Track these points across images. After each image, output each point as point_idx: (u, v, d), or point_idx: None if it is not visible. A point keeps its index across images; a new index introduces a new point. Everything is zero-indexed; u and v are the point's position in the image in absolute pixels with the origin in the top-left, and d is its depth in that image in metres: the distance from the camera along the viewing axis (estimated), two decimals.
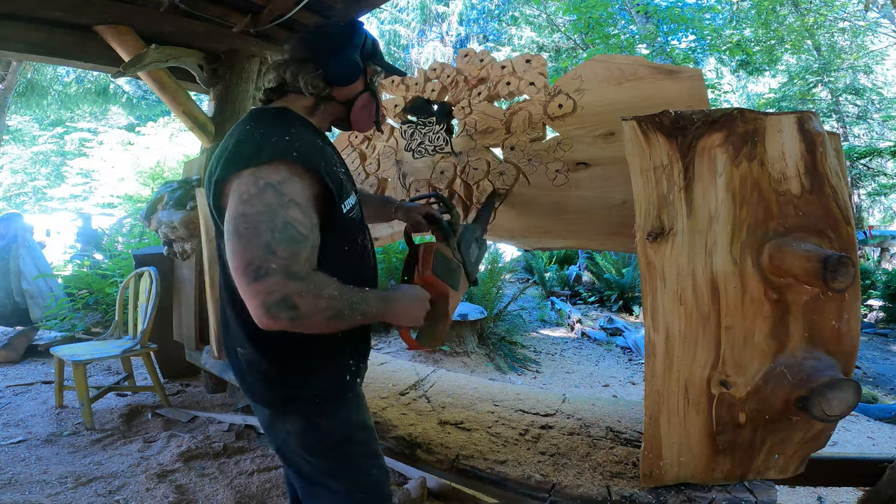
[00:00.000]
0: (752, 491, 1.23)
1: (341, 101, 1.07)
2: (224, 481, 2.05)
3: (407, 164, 2.06)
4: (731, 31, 11.14)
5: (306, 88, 1.01)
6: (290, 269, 0.82)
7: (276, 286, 0.80)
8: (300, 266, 0.84)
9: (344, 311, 0.86)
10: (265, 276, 0.80)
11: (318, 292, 0.83)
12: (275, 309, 0.79)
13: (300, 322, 0.82)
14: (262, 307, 0.80)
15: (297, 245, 0.84)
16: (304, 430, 1.00)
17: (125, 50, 2.65)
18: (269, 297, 0.79)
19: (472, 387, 2.08)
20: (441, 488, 1.99)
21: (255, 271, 0.80)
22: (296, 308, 0.80)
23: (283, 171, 0.86)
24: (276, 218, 0.83)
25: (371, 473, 1.05)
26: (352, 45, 1.05)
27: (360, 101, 1.09)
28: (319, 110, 1.05)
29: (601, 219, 1.58)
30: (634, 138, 1.17)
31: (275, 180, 0.85)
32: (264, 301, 0.79)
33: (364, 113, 1.11)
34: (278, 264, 0.81)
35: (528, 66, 1.73)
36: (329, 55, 1.02)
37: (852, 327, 1.14)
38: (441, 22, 15.89)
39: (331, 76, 1.02)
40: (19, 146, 15.25)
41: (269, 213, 0.83)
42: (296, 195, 0.87)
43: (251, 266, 0.80)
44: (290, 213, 0.85)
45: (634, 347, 5.08)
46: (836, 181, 1.13)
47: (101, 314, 4.55)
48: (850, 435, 3.25)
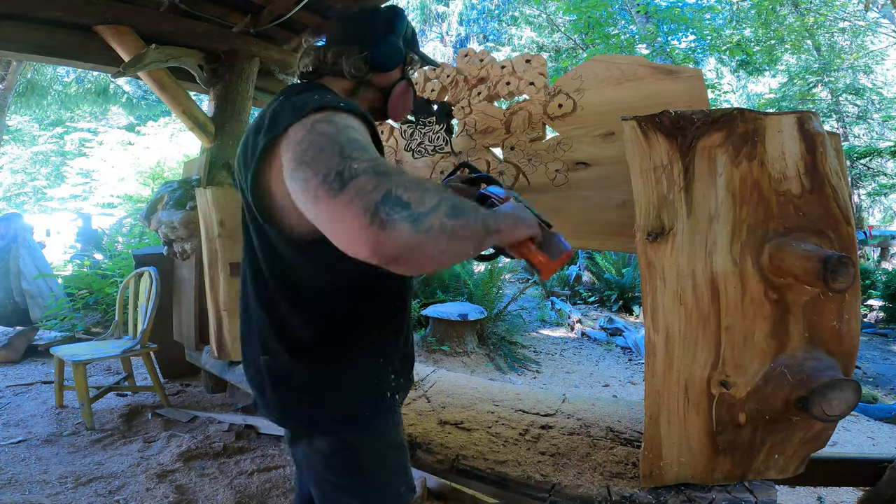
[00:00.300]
0: (752, 491, 1.22)
1: (379, 87, 1.02)
2: (224, 481, 2.05)
3: (407, 164, 2.06)
4: (731, 31, 11.15)
5: (349, 70, 0.95)
6: (378, 167, 0.62)
7: (370, 183, 0.59)
8: (386, 165, 0.64)
9: (463, 205, 0.65)
10: (353, 177, 0.59)
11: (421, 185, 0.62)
12: (383, 210, 0.56)
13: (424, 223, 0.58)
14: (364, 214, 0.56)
15: (371, 151, 0.67)
16: (333, 451, 0.91)
17: (125, 50, 2.65)
18: (370, 196, 0.57)
19: (472, 387, 2.08)
20: (441, 488, 1.99)
21: (337, 178, 0.60)
22: (408, 204, 0.58)
23: (328, 112, 0.73)
24: (339, 136, 0.68)
25: (399, 491, 0.97)
26: (397, 30, 1.00)
27: (398, 89, 1.04)
28: (357, 95, 0.99)
29: (601, 219, 1.58)
30: (634, 138, 1.17)
31: (323, 117, 0.72)
32: (364, 203, 0.57)
33: (401, 101, 1.06)
34: (362, 165, 0.61)
35: (528, 66, 1.73)
36: (374, 38, 0.97)
37: (852, 327, 1.14)
38: (441, 22, 15.89)
39: (374, 60, 0.97)
40: (19, 146, 15.25)
41: (329, 135, 0.68)
42: (352, 123, 0.73)
43: (329, 177, 0.60)
44: (352, 135, 0.69)
45: (634, 347, 5.09)
46: (836, 181, 1.13)
47: (101, 314, 4.55)
48: (850, 435, 3.25)
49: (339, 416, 0.90)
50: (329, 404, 0.89)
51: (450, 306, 4.76)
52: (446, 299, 5.24)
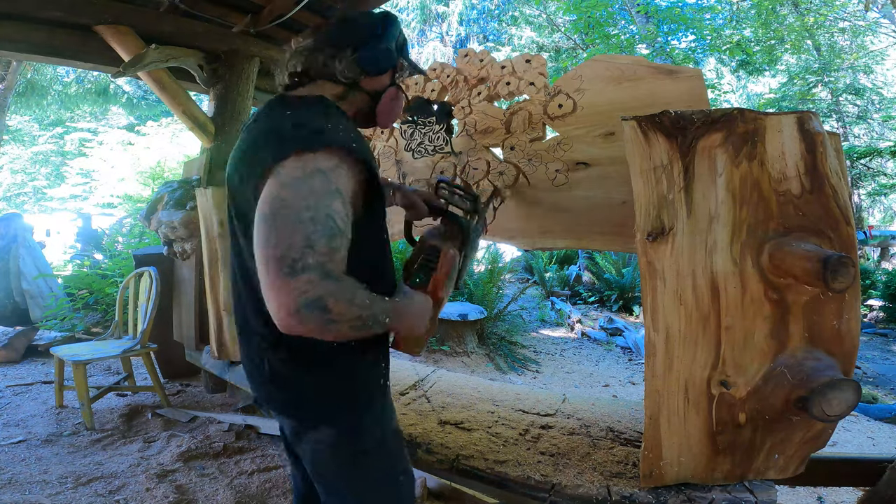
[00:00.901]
0: (752, 491, 1.22)
1: (369, 91, 1.02)
2: (224, 481, 2.05)
3: (407, 164, 2.06)
4: (731, 31, 11.14)
5: (342, 74, 0.96)
6: (326, 266, 0.74)
7: (310, 286, 0.72)
8: (336, 266, 0.76)
9: (368, 322, 0.80)
10: (301, 271, 0.72)
11: (352, 299, 0.76)
12: (305, 310, 0.71)
13: (328, 328, 0.74)
14: (291, 306, 0.71)
15: (335, 241, 0.77)
16: (337, 440, 0.94)
17: (125, 50, 2.65)
18: (302, 296, 0.71)
19: (472, 387, 2.08)
20: (441, 488, 1.99)
21: (291, 265, 0.72)
22: (327, 311, 0.73)
23: (335, 159, 0.80)
24: (321, 207, 0.76)
25: (398, 480, 1.01)
26: (389, 34, 1.01)
27: (388, 95, 1.05)
28: (347, 99, 1.00)
29: (601, 219, 1.58)
30: (634, 138, 1.17)
31: (325, 167, 0.79)
32: (295, 300, 0.71)
33: (390, 108, 1.07)
34: (316, 260, 0.73)
35: (528, 66, 1.73)
36: (366, 42, 0.98)
37: (852, 327, 1.14)
38: (441, 22, 15.89)
39: (364, 63, 0.98)
40: (19, 146, 15.25)
41: (314, 202, 0.76)
42: (342, 185, 0.81)
43: (286, 259, 0.72)
44: (334, 204, 0.78)
45: (634, 347, 5.09)
46: (836, 181, 1.13)
47: (101, 314, 4.55)
48: (850, 435, 3.25)
49: (337, 406, 0.94)
50: (328, 396, 0.93)
51: (450, 306, 4.76)
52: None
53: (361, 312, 0.78)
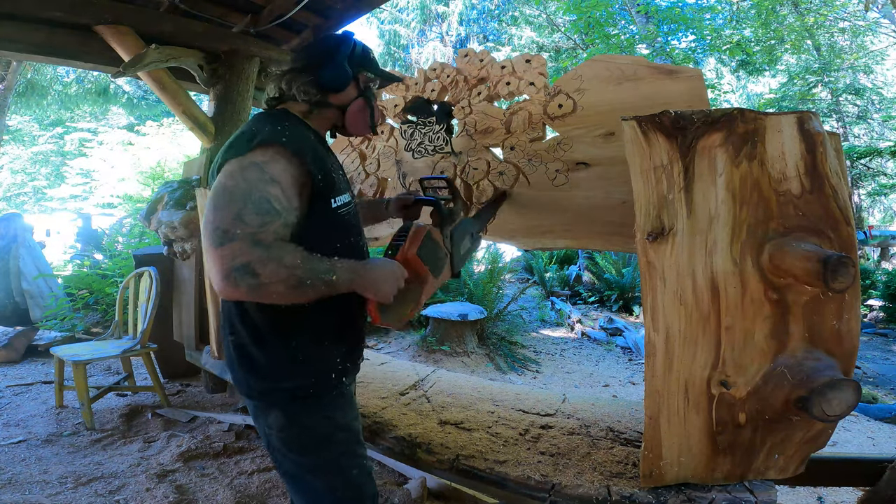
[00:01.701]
0: (752, 491, 1.22)
1: (337, 105, 1.14)
2: (224, 481, 2.05)
3: (407, 164, 2.06)
4: (731, 31, 11.14)
5: (299, 94, 1.09)
6: (256, 236, 0.84)
7: (238, 251, 0.82)
8: (266, 235, 0.86)
9: (306, 279, 0.86)
10: (230, 240, 0.83)
11: (280, 260, 0.85)
12: (235, 274, 0.82)
13: (260, 290, 0.83)
14: (222, 272, 0.82)
15: (268, 216, 0.87)
16: (284, 425, 1.01)
17: (125, 50, 2.65)
18: (232, 261, 0.82)
19: (472, 387, 2.08)
20: (441, 488, 1.99)
21: (222, 235, 0.83)
22: (256, 275, 0.82)
23: (268, 153, 0.92)
24: (254, 191, 0.87)
25: (351, 474, 1.05)
26: (340, 53, 1.12)
27: (353, 107, 1.16)
28: (314, 114, 1.12)
29: (601, 219, 1.58)
30: (634, 138, 1.17)
31: (259, 160, 0.90)
32: (225, 266, 0.82)
33: (358, 118, 1.17)
34: (244, 231, 0.84)
35: (528, 66, 1.73)
36: (319, 64, 1.10)
37: (852, 327, 1.14)
38: (441, 22, 15.89)
39: (322, 82, 1.10)
40: (19, 146, 15.25)
41: (247, 186, 0.87)
42: (278, 174, 0.91)
43: (218, 231, 0.83)
44: (269, 189, 0.89)
45: (634, 347, 5.08)
46: (836, 181, 1.13)
47: (101, 314, 4.55)
48: (850, 435, 3.25)
49: (287, 392, 1.00)
50: (279, 380, 1.00)
51: (450, 306, 4.75)
52: (446, 299, 5.23)
53: (294, 271, 0.85)
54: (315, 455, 1.02)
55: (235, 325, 1.03)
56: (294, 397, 1.01)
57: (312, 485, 1.02)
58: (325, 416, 1.03)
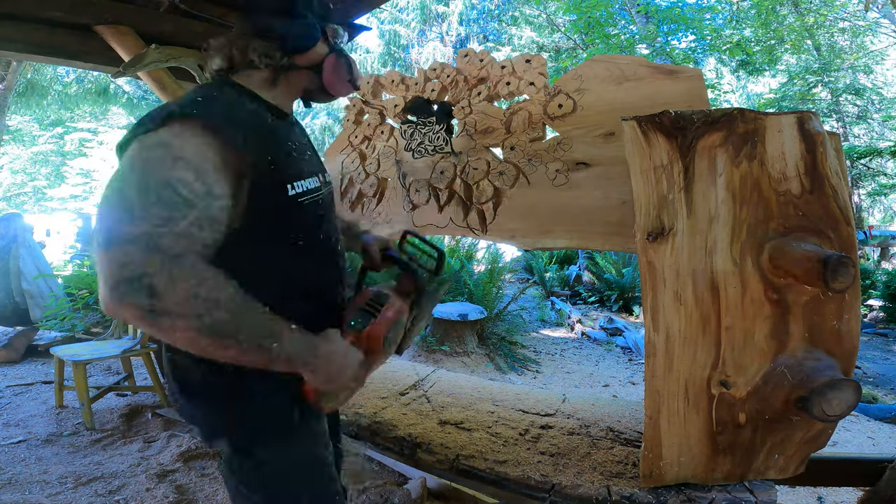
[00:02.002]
0: (752, 491, 1.22)
1: (307, 66, 0.94)
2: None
3: (407, 164, 2.06)
4: (731, 31, 11.14)
5: (260, 61, 0.89)
6: (155, 239, 0.61)
7: (128, 257, 0.60)
8: (171, 239, 0.63)
9: (233, 332, 0.64)
10: (118, 243, 0.61)
11: (199, 284, 0.62)
12: (123, 287, 0.59)
13: (156, 320, 0.60)
14: (108, 281, 0.59)
15: (172, 210, 0.64)
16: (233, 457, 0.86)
17: (125, 50, 2.65)
18: (120, 270, 0.59)
19: (472, 387, 2.08)
20: (441, 488, 1.99)
21: (108, 236, 0.61)
22: (153, 294, 0.59)
23: (177, 128, 0.70)
24: (152, 176, 0.66)
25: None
26: (299, 4, 0.91)
27: (328, 63, 0.96)
28: (281, 81, 0.93)
29: (601, 219, 1.58)
30: (634, 138, 1.17)
31: (165, 138, 0.70)
32: (112, 274, 0.59)
33: (336, 75, 0.97)
34: (138, 230, 0.61)
35: (528, 66, 1.73)
36: (277, 20, 0.90)
37: (852, 327, 1.14)
38: (441, 22, 15.89)
39: (286, 43, 0.90)
40: (19, 146, 15.25)
41: (144, 172, 0.67)
42: (189, 153, 0.69)
43: (104, 230, 0.62)
44: (174, 173, 0.66)
45: (634, 347, 5.08)
46: (836, 181, 1.13)
47: (101, 314, 4.55)
48: (850, 435, 3.25)
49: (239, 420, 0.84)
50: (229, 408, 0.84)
51: (450, 306, 4.75)
52: (446, 299, 5.24)
53: (215, 312, 0.62)
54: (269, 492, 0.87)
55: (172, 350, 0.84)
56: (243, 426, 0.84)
57: None
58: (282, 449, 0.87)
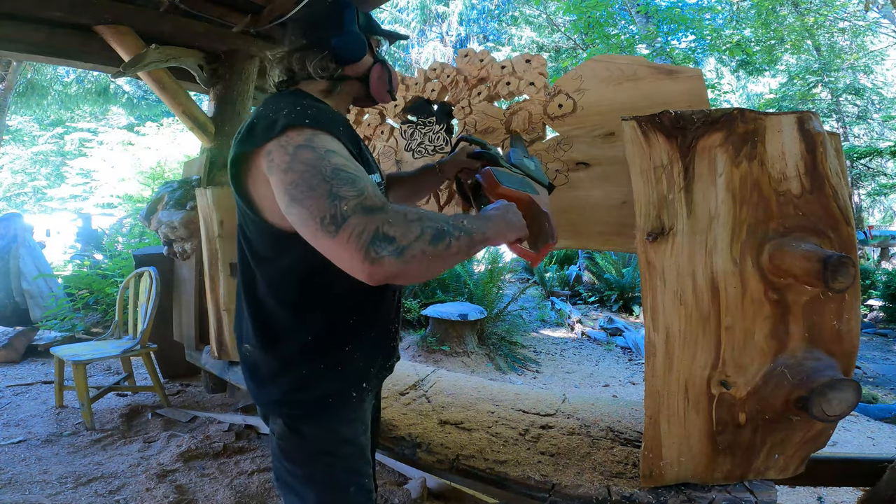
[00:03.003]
0: (752, 491, 1.22)
1: (357, 77, 1.05)
2: (224, 481, 2.05)
3: (407, 165, 2.06)
4: (731, 31, 11.15)
5: (316, 73, 0.98)
6: (365, 203, 0.73)
7: (359, 226, 0.70)
8: (372, 199, 0.74)
9: (444, 228, 0.76)
10: (344, 220, 0.71)
11: (404, 216, 0.74)
12: (373, 249, 0.69)
13: (407, 255, 0.71)
14: (358, 254, 0.69)
15: (357, 182, 0.76)
16: (284, 434, 0.95)
17: (125, 50, 2.65)
18: (361, 238, 0.70)
19: (472, 387, 2.08)
20: (441, 488, 1.99)
21: (332, 221, 0.71)
22: (393, 239, 0.70)
23: (304, 133, 0.80)
24: (323, 168, 0.76)
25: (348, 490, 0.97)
26: (349, 20, 1.01)
27: (374, 73, 1.07)
28: (336, 91, 1.03)
29: (601, 219, 1.58)
30: (634, 138, 1.17)
31: (302, 140, 0.79)
32: (357, 246, 0.69)
33: (381, 83, 1.09)
34: (350, 204, 0.72)
35: (528, 66, 1.73)
36: (331, 35, 0.99)
37: (852, 327, 1.14)
38: (441, 22, 15.88)
39: (339, 56, 1.00)
40: (19, 146, 15.26)
41: (313, 167, 0.76)
42: (330, 146, 0.81)
43: (325, 220, 0.71)
44: (333, 161, 0.78)
45: (634, 347, 5.08)
46: (836, 181, 1.13)
47: (101, 314, 4.55)
48: (850, 435, 3.25)
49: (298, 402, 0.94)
50: (292, 392, 0.93)
51: (450, 306, 4.76)
52: (446, 299, 5.23)
53: (426, 223, 0.74)
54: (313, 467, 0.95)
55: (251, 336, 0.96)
56: (300, 407, 0.94)
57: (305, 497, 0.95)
58: (330, 429, 0.96)
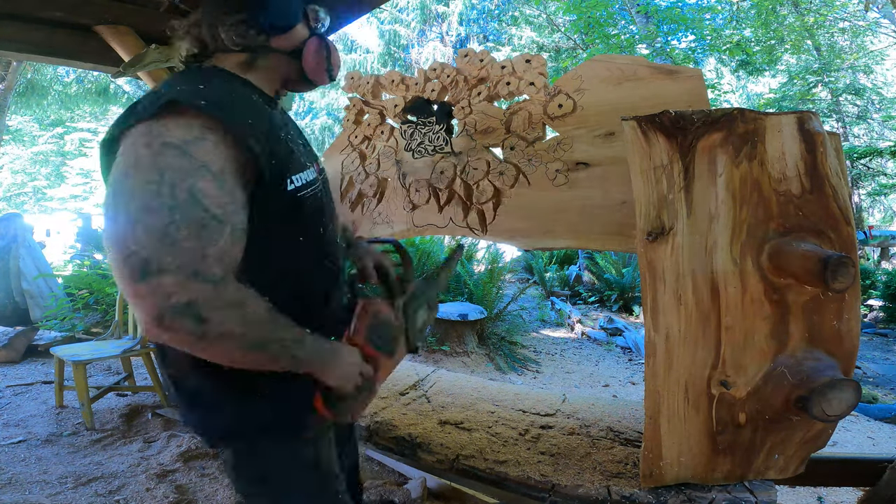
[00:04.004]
0: (752, 491, 1.22)
1: (285, 50, 0.86)
2: (224, 481, 2.05)
3: (407, 164, 2.06)
4: (731, 31, 11.16)
5: (231, 41, 0.81)
6: (197, 266, 0.60)
7: (173, 288, 0.58)
8: (211, 263, 0.61)
9: (268, 343, 0.65)
10: (157, 273, 0.58)
11: (239, 307, 0.62)
12: (172, 315, 0.58)
13: (205, 340, 0.60)
14: (151, 312, 0.58)
15: (207, 231, 0.62)
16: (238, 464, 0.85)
17: (125, 50, 2.65)
18: (166, 300, 0.58)
19: (472, 387, 2.08)
20: (441, 488, 1.99)
21: (143, 266, 0.58)
22: (201, 320, 0.59)
23: (188, 126, 0.65)
24: (177, 190, 0.61)
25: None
26: None
27: (310, 47, 0.88)
28: (258, 65, 0.85)
29: (601, 219, 1.58)
30: (634, 138, 1.17)
31: (177, 137, 0.64)
32: (156, 306, 0.58)
33: (318, 59, 0.89)
34: (179, 260, 0.59)
35: (528, 66, 1.73)
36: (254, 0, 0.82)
37: (852, 327, 1.14)
38: (441, 22, 15.89)
39: (261, 20, 0.82)
40: (19, 146, 15.27)
41: (165, 183, 0.60)
42: (208, 158, 0.64)
43: (135, 258, 0.58)
44: (199, 184, 0.62)
45: (634, 347, 5.09)
46: (836, 181, 1.13)
47: (101, 314, 4.55)
48: (850, 435, 3.25)
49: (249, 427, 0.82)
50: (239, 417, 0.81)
51: (450, 306, 4.76)
52: (446, 299, 5.23)
53: (254, 329, 0.63)
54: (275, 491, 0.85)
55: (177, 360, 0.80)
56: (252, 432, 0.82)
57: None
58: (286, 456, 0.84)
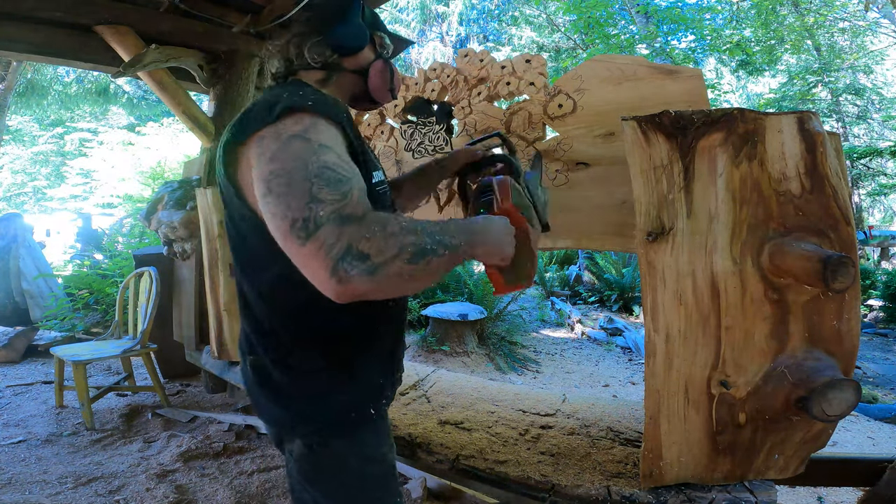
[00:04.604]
0: (752, 491, 1.22)
1: (354, 70, 1.00)
2: (224, 481, 2.05)
3: (407, 165, 2.06)
4: (731, 31, 11.17)
5: (311, 58, 0.95)
6: (343, 211, 0.66)
7: (332, 236, 0.64)
8: (352, 206, 0.68)
9: (426, 245, 0.68)
10: (316, 228, 0.64)
11: (384, 229, 0.66)
12: (342, 265, 0.63)
13: (379, 274, 0.64)
14: (325, 269, 0.63)
15: (342, 185, 0.69)
16: (303, 455, 0.88)
17: (125, 50, 2.65)
18: (331, 252, 0.63)
19: (472, 387, 2.08)
20: (441, 488, 1.99)
21: (303, 228, 0.65)
22: (366, 257, 0.63)
23: (304, 120, 0.75)
24: (310, 163, 0.70)
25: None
26: (352, 10, 0.99)
27: (374, 69, 1.02)
28: (332, 82, 0.99)
29: (601, 219, 1.58)
30: (634, 138, 1.17)
31: (298, 130, 0.73)
32: (326, 259, 0.63)
33: (381, 80, 1.03)
34: (326, 211, 0.65)
35: (528, 66, 1.73)
36: (331, 22, 0.97)
37: (852, 327, 1.13)
38: (441, 22, 15.89)
39: (337, 43, 0.97)
40: (19, 146, 15.26)
41: (299, 162, 0.70)
42: (325, 139, 0.74)
43: (296, 224, 0.65)
44: (324, 158, 0.71)
45: (634, 347, 5.09)
46: (836, 181, 1.13)
47: (101, 314, 4.55)
48: (850, 435, 3.25)
49: (316, 421, 0.87)
50: (307, 409, 0.87)
51: (450, 306, 4.76)
52: (446, 299, 5.24)
53: (407, 238, 0.67)
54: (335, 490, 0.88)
55: (254, 343, 0.89)
56: (320, 427, 0.87)
57: None
58: (355, 452, 0.88)
